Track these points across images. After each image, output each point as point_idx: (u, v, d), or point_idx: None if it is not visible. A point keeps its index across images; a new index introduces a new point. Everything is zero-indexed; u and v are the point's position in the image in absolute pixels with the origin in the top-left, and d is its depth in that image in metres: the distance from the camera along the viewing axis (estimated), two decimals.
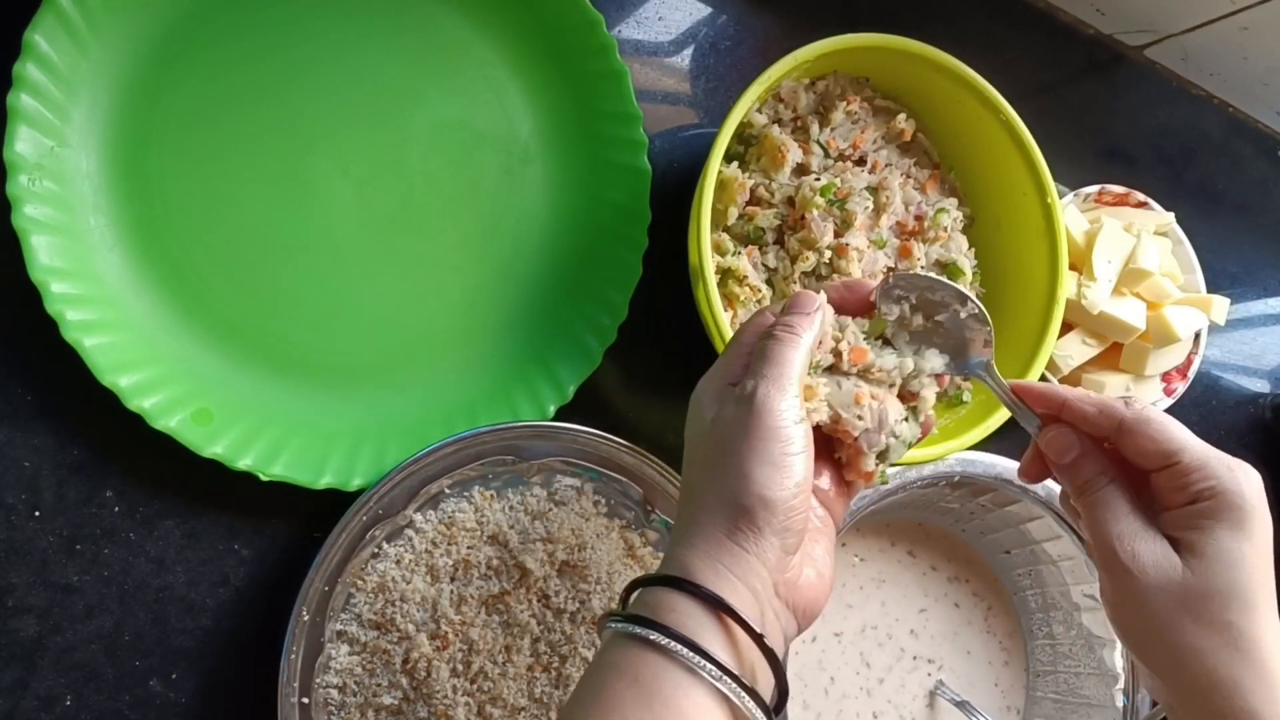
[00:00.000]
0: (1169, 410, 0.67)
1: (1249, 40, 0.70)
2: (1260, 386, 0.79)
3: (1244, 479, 0.39)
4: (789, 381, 0.39)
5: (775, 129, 0.58)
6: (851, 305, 0.45)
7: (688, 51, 0.65)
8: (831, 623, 0.64)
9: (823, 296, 0.42)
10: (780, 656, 0.38)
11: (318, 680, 0.51)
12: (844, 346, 0.43)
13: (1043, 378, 0.63)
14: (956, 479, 0.61)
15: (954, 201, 0.61)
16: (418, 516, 0.54)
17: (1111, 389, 0.65)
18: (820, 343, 0.42)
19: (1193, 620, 0.38)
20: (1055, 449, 0.43)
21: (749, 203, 0.59)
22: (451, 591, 0.53)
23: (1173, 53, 0.75)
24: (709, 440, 0.40)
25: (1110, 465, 0.42)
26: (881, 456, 0.43)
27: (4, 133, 0.48)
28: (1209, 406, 0.77)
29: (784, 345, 0.40)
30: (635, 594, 0.39)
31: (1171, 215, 0.69)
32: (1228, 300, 0.67)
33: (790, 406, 0.38)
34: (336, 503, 0.52)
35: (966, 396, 0.60)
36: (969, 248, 0.61)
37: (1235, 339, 0.79)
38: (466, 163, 0.59)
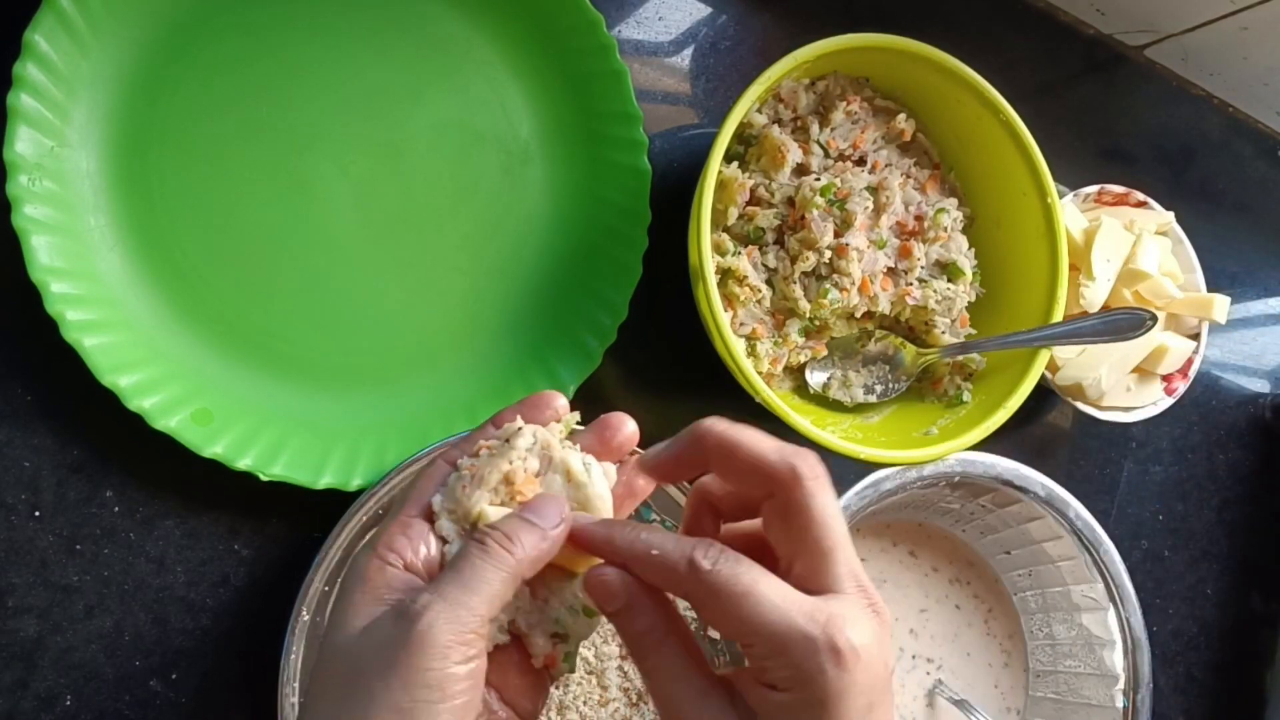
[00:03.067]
0: (1169, 410, 0.67)
1: (1249, 40, 0.70)
2: (1260, 386, 0.79)
3: (826, 659, 0.30)
4: (475, 616, 0.30)
5: (775, 129, 0.58)
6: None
7: (688, 51, 0.65)
8: None
9: (569, 516, 0.33)
10: None
11: None
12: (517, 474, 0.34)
13: (1042, 378, 0.63)
14: (956, 479, 0.61)
15: (954, 201, 0.61)
16: None
17: (1112, 388, 0.65)
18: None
19: None
20: (599, 594, 0.33)
21: (749, 203, 0.59)
22: None
23: (1173, 53, 0.75)
24: (345, 660, 0.31)
25: (661, 619, 0.33)
26: (560, 636, 0.35)
27: (4, 133, 0.48)
28: (1209, 406, 0.77)
29: (490, 566, 0.31)
30: None
31: (1171, 215, 0.69)
32: (1228, 299, 0.67)
33: (463, 647, 0.30)
34: (336, 503, 0.52)
35: (966, 396, 0.60)
36: (969, 248, 0.61)
37: (1235, 339, 0.79)
38: (466, 163, 0.59)
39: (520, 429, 0.35)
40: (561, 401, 0.36)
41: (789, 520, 0.33)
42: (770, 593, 0.31)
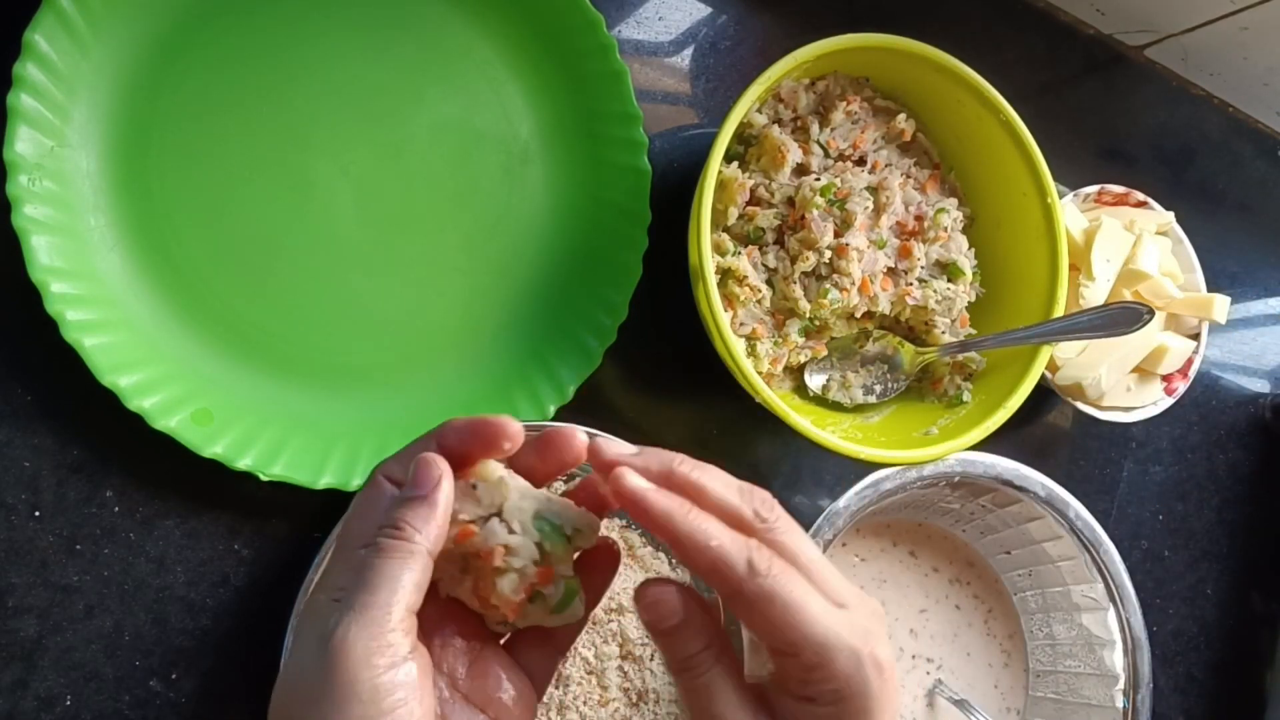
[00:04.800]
0: (1169, 410, 0.67)
1: (1249, 40, 0.70)
2: (1260, 386, 0.79)
3: (871, 672, 0.31)
4: (388, 615, 0.30)
5: (775, 129, 0.58)
6: (479, 449, 0.34)
7: (688, 51, 0.65)
8: None
9: (444, 466, 0.32)
10: None
11: None
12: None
13: (1042, 378, 0.63)
14: (956, 479, 0.61)
15: (954, 201, 0.61)
16: None
17: (1112, 389, 0.65)
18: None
19: None
20: (656, 612, 0.32)
21: (749, 203, 0.59)
22: None
23: (1173, 53, 0.75)
24: (284, 689, 0.31)
25: (715, 635, 0.33)
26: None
27: (4, 133, 0.48)
28: (1209, 406, 0.77)
29: (387, 560, 0.30)
30: None
31: (1171, 215, 0.69)
32: (1228, 299, 0.67)
33: (385, 650, 0.29)
34: (336, 503, 0.52)
35: (966, 396, 0.60)
36: (969, 248, 0.61)
37: (1235, 339, 0.79)
38: (466, 163, 0.59)
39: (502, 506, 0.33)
40: (514, 429, 0.33)
41: (770, 598, 0.32)
42: (816, 604, 0.31)
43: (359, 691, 0.28)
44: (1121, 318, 0.57)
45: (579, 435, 0.34)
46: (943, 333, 0.61)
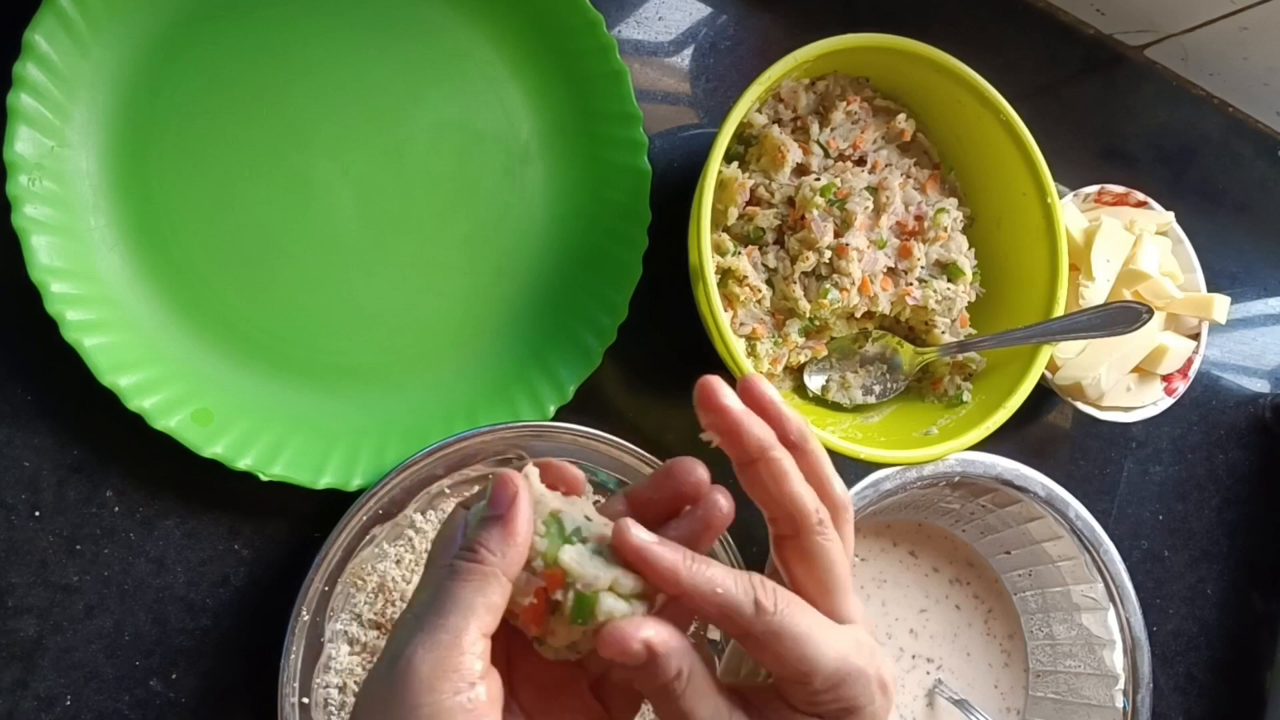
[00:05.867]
0: (1169, 410, 0.67)
1: (1249, 40, 0.70)
2: (1260, 386, 0.79)
3: (876, 692, 0.32)
4: (456, 639, 0.29)
5: (775, 129, 0.58)
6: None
7: (688, 51, 0.65)
8: None
9: (520, 483, 0.32)
10: None
11: (318, 680, 0.51)
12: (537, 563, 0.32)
13: (1042, 378, 0.63)
14: (956, 479, 0.61)
15: (954, 201, 0.61)
16: (418, 516, 0.54)
17: (1112, 389, 0.65)
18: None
19: None
20: (621, 653, 0.30)
21: (749, 203, 0.59)
22: None
23: (1173, 53, 0.75)
24: (361, 700, 0.31)
25: (685, 655, 0.31)
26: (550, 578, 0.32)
27: (4, 133, 0.48)
28: (1209, 406, 0.77)
29: (458, 583, 0.30)
30: None
31: (1171, 215, 0.69)
32: (1228, 299, 0.67)
33: (451, 675, 0.29)
34: (336, 503, 0.52)
35: (966, 396, 0.60)
36: (969, 248, 0.61)
37: (1235, 339, 0.79)
38: (466, 163, 0.59)
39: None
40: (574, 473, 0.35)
41: (810, 560, 0.33)
42: (826, 633, 0.31)
43: (420, 717, 0.28)
44: (1121, 317, 0.57)
45: (699, 466, 0.35)
46: (943, 333, 0.61)
